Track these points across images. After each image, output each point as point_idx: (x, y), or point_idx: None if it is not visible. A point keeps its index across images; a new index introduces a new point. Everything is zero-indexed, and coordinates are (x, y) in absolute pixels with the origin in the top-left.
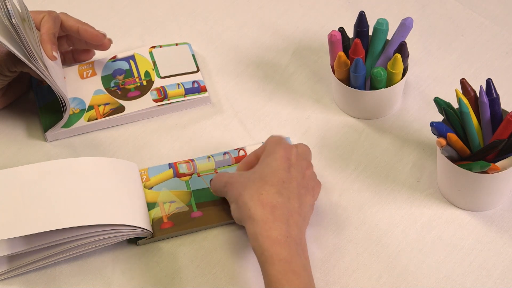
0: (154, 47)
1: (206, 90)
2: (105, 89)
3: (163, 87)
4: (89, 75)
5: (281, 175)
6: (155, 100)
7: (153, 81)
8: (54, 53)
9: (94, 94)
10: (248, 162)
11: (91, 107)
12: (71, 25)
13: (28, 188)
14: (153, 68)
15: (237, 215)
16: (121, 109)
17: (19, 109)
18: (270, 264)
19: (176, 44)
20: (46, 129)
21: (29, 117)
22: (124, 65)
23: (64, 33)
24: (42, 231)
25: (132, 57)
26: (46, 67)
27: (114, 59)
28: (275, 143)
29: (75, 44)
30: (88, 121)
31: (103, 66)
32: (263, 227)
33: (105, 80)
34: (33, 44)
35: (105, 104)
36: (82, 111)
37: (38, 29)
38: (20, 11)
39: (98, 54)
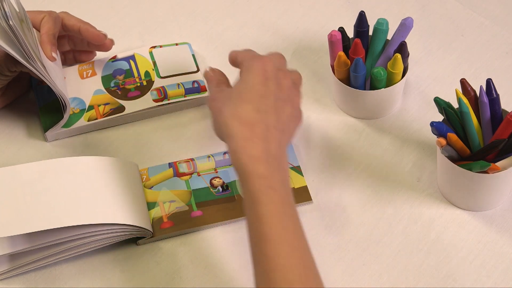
0: (154, 47)
1: (206, 90)
2: (105, 89)
3: (163, 87)
4: (89, 75)
5: (258, 90)
6: (155, 100)
7: (153, 81)
8: (53, 54)
9: (94, 94)
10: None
11: (91, 107)
12: (73, 24)
13: (28, 186)
14: (153, 68)
15: (219, 133)
16: (121, 109)
17: (19, 109)
18: (248, 181)
19: (176, 44)
20: (46, 129)
21: (29, 117)
22: (124, 65)
23: (65, 33)
24: (42, 229)
25: (132, 57)
26: (45, 67)
27: (114, 59)
28: (251, 57)
29: (77, 44)
30: (88, 121)
31: (103, 66)
32: (241, 145)
33: (105, 80)
34: (32, 45)
35: (105, 104)
36: (82, 111)
37: (38, 29)
38: (18, 11)
39: (98, 54)
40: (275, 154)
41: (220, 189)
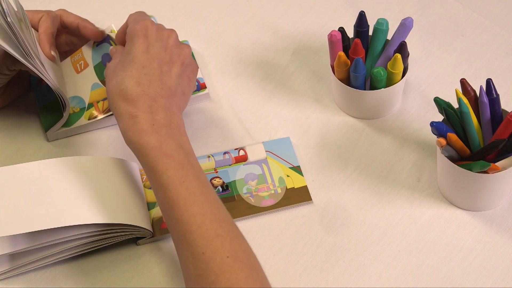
0: None
1: (205, 87)
2: (100, 81)
3: None
4: (82, 67)
5: (140, 59)
6: None
7: None
8: (52, 52)
9: (92, 90)
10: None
11: (90, 105)
12: (71, 21)
13: (28, 185)
14: None
15: (112, 110)
16: None
17: (19, 109)
18: (143, 155)
19: None
20: (46, 128)
21: (29, 117)
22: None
23: (64, 30)
24: (42, 229)
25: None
26: (43, 66)
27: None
28: (133, 22)
29: (75, 43)
30: (89, 119)
31: (90, 54)
32: (128, 123)
33: (98, 70)
34: (30, 43)
35: (104, 100)
36: (82, 109)
37: (36, 29)
38: (16, 9)
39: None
40: (163, 122)
41: (220, 189)
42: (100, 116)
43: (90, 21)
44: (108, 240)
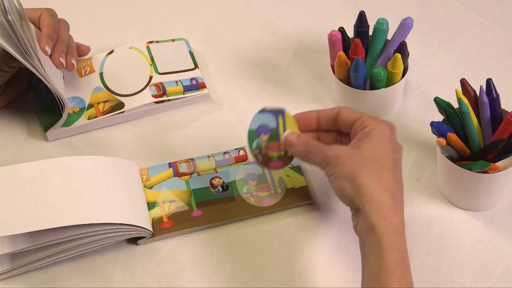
0: (151, 42)
1: (205, 87)
2: (104, 86)
3: (161, 83)
4: (87, 73)
5: (393, 158)
6: (154, 96)
7: (152, 77)
8: (47, 47)
9: (94, 92)
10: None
11: (90, 105)
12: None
13: (28, 185)
14: (151, 63)
15: (351, 194)
16: (120, 105)
17: (19, 109)
18: (388, 252)
19: (173, 40)
20: (46, 128)
21: (29, 117)
22: (272, 122)
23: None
24: (42, 228)
25: (282, 112)
26: (42, 65)
27: (111, 53)
28: (376, 120)
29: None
30: (88, 119)
31: (100, 62)
32: (386, 213)
33: (104, 77)
34: (30, 41)
35: (105, 102)
36: (82, 109)
37: (37, 26)
38: (18, 8)
39: (95, 51)
40: (404, 226)
41: (220, 189)
42: (100, 117)
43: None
44: (108, 240)
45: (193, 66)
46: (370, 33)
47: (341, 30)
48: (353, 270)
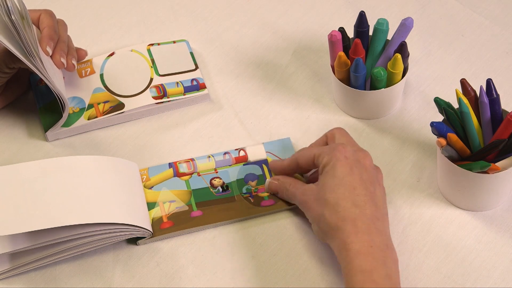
0: (152, 44)
1: (205, 87)
2: (104, 87)
3: (162, 84)
4: (88, 73)
5: (348, 182)
6: (155, 98)
7: (152, 79)
8: (48, 48)
9: (94, 92)
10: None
11: (90, 106)
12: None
13: (28, 185)
14: (152, 65)
15: (321, 235)
16: (120, 106)
17: (19, 109)
18: (351, 275)
19: (174, 42)
20: (46, 128)
21: (29, 117)
22: (257, 170)
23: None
24: (42, 228)
25: (265, 161)
26: (43, 65)
27: (112, 55)
28: (328, 150)
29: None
30: (88, 119)
31: (101, 64)
32: (345, 242)
33: (104, 78)
34: (32, 42)
35: (105, 102)
36: (82, 109)
37: (36, 27)
38: (20, 9)
39: (96, 52)
40: (380, 245)
41: (220, 189)
42: (100, 117)
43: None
44: (108, 240)
45: (194, 67)
46: (370, 33)
47: (341, 30)
48: None
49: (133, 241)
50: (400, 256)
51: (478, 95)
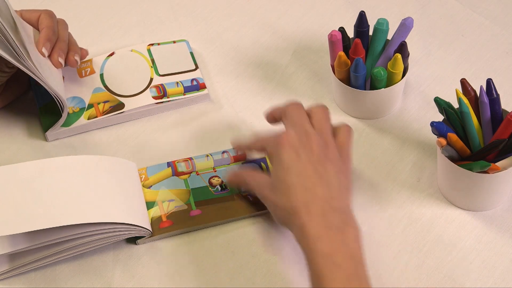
0: (152, 44)
1: (205, 87)
2: (104, 86)
3: (162, 84)
4: (88, 73)
5: (295, 168)
6: (155, 97)
7: (152, 79)
8: (44, 50)
9: (94, 92)
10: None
11: (90, 106)
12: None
13: (27, 185)
14: (152, 65)
15: (278, 219)
16: (120, 106)
17: (19, 109)
18: (313, 261)
19: (174, 42)
20: (46, 128)
21: (29, 117)
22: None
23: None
24: (42, 228)
25: (263, 160)
26: (36, 66)
27: (112, 55)
28: (273, 138)
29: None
30: (88, 119)
31: (101, 64)
32: (302, 227)
33: (104, 78)
34: (20, 44)
35: (105, 102)
36: (82, 109)
37: (36, 28)
38: (12, 11)
39: (96, 52)
40: (337, 225)
41: (219, 188)
42: (100, 117)
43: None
44: (108, 240)
45: (194, 67)
46: (370, 33)
47: (341, 30)
48: None
49: (133, 240)
50: (400, 256)
51: (478, 95)
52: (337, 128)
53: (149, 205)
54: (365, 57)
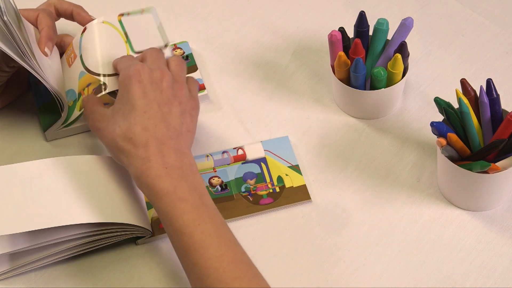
0: (122, 14)
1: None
2: (84, 69)
3: None
4: (73, 60)
5: (140, 105)
6: None
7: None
8: (47, 49)
9: (79, 79)
10: None
11: (79, 95)
12: (65, 8)
13: (27, 184)
14: (126, 40)
15: (113, 155)
16: (103, 87)
17: (18, 109)
18: (157, 200)
19: (142, 12)
20: (45, 128)
21: (29, 117)
22: (256, 169)
23: (58, 18)
24: (42, 228)
25: (264, 160)
26: (39, 65)
27: (83, 31)
28: (124, 69)
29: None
30: (80, 110)
31: (78, 44)
32: (140, 169)
33: (83, 59)
34: (25, 42)
35: (88, 85)
36: (75, 102)
37: (35, 26)
38: (12, 9)
39: (71, 32)
40: (176, 164)
41: (219, 188)
42: None
43: (83, 9)
44: (108, 240)
45: (162, 43)
46: (370, 33)
47: (341, 30)
48: (353, 269)
49: (133, 240)
50: (400, 256)
51: (478, 95)
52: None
53: (149, 205)
54: (365, 57)
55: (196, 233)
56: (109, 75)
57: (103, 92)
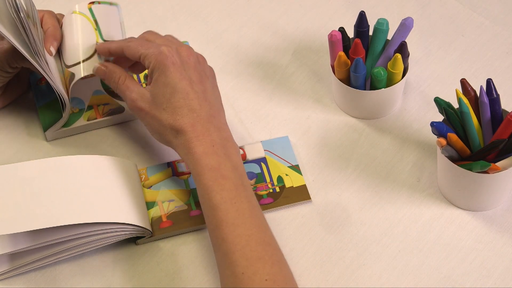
0: (92, 3)
1: None
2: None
3: None
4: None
5: (181, 88)
6: None
7: (97, 42)
8: (51, 48)
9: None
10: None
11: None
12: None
13: (28, 184)
14: (96, 28)
15: (158, 137)
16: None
17: (19, 109)
18: (201, 174)
19: (111, 4)
20: (45, 128)
21: (29, 117)
22: (256, 168)
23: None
24: (42, 227)
25: (264, 160)
26: (48, 65)
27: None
28: (153, 54)
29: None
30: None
31: None
32: (189, 146)
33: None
34: (38, 41)
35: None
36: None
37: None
38: (26, 8)
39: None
40: (220, 142)
41: None
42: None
43: (51, 15)
44: (108, 240)
45: (121, 36)
46: (370, 33)
47: (341, 30)
48: (354, 269)
49: (133, 240)
50: (400, 256)
51: (478, 95)
52: None
53: (149, 205)
54: (365, 57)
55: (231, 210)
56: (83, 61)
57: (75, 80)
